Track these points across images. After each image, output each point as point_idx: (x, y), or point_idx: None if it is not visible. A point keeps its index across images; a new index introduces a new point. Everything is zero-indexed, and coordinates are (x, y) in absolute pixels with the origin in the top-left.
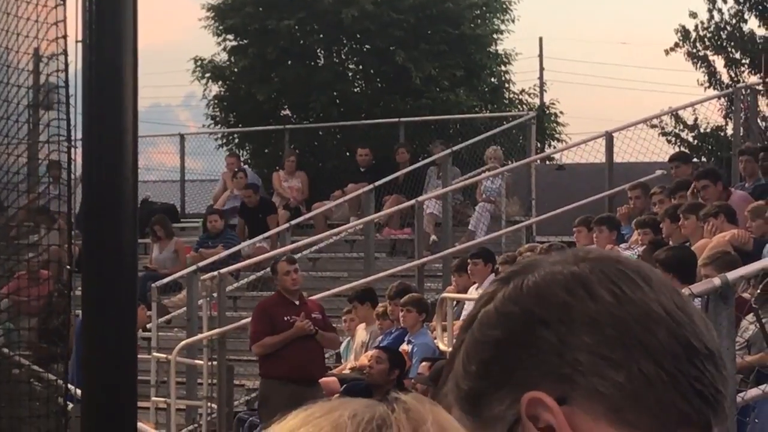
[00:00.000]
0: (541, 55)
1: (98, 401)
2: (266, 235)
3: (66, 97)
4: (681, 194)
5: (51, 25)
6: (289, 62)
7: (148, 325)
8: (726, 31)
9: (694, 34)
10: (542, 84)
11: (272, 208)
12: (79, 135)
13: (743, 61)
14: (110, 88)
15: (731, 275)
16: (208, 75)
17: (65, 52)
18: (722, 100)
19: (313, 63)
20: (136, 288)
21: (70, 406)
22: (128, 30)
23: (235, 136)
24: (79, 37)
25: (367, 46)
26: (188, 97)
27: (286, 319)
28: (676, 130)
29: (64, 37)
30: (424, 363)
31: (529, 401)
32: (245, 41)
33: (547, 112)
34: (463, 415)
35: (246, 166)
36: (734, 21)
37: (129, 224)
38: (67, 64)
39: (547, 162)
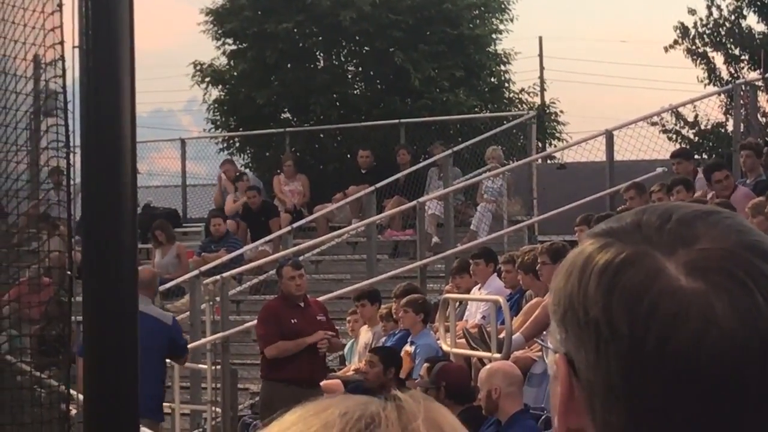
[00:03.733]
0: (540, 54)
1: (100, 407)
2: (268, 238)
3: (64, 103)
4: (678, 189)
5: (48, 31)
6: (289, 65)
7: None
8: (725, 28)
9: (693, 31)
10: (542, 83)
11: (274, 212)
12: (78, 141)
13: (742, 57)
14: (107, 94)
15: None
16: (207, 79)
17: (62, 58)
18: (722, 96)
19: (312, 65)
20: (136, 293)
21: (73, 411)
22: (124, 35)
23: (236, 140)
24: (76, 43)
25: (366, 48)
26: (190, 101)
27: (292, 321)
28: (677, 128)
29: (61, 43)
30: (425, 364)
31: (556, 359)
32: (244, 45)
33: (548, 111)
34: None
35: (247, 170)
36: (733, 17)
37: (129, 230)
38: (64, 70)
39: (548, 161)
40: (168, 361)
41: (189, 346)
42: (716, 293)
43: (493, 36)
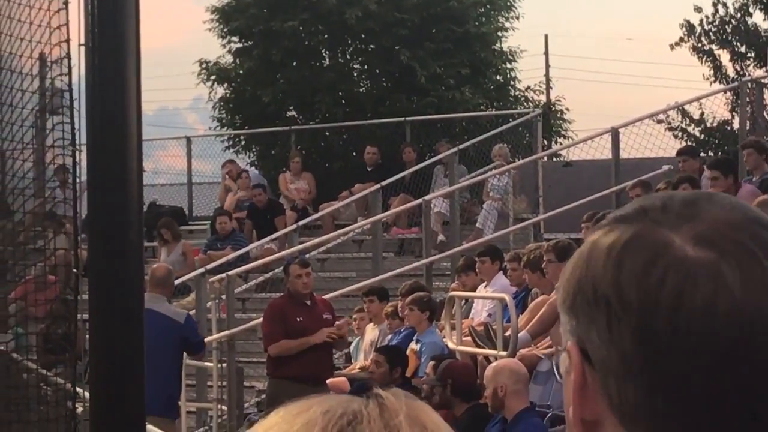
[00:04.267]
0: (546, 52)
1: (106, 405)
2: (274, 236)
3: (70, 101)
4: (684, 188)
5: (54, 29)
6: (294, 63)
7: None
8: (731, 25)
9: (699, 29)
10: (548, 81)
11: (280, 210)
12: (84, 139)
13: (749, 54)
14: (113, 92)
15: None
16: (213, 77)
17: (68, 56)
18: (728, 94)
19: (318, 63)
20: (142, 291)
21: (80, 409)
22: (130, 32)
23: (242, 138)
24: (82, 41)
25: (371, 46)
26: (196, 99)
27: (298, 320)
28: (683, 125)
29: (67, 41)
30: (430, 362)
31: (567, 346)
32: (250, 43)
33: (553, 109)
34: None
35: (252, 168)
36: (739, 15)
37: (135, 228)
38: (70, 68)
39: (554, 159)
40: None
41: None
42: (725, 261)
43: (499, 34)
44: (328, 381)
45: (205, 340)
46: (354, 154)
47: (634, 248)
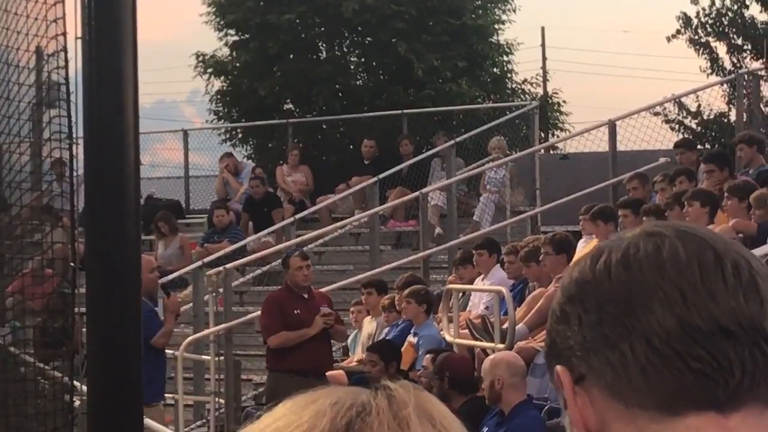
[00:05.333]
0: (543, 45)
1: (104, 398)
2: (271, 229)
3: (67, 94)
4: (681, 180)
5: (51, 23)
6: (291, 56)
7: None
8: (727, 18)
9: (695, 21)
10: (545, 73)
11: (277, 202)
12: (81, 132)
13: (745, 47)
14: (110, 85)
15: None
16: (210, 70)
17: (65, 49)
18: (725, 86)
19: (314, 56)
20: (140, 285)
21: (77, 402)
22: (127, 26)
23: (238, 131)
24: (79, 34)
25: (368, 39)
26: (193, 92)
27: (296, 312)
28: (680, 118)
29: (64, 34)
30: (427, 356)
31: (556, 374)
32: (246, 36)
33: (550, 101)
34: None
35: (249, 161)
36: (735, 7)
37: (132, 221)
38: (67, 61)
39: (551, 151)
40: (170, 352)
41: (192, 337)
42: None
43: (496, 26)
44: (327, 374)
45: (203, 333)
46: (351, 147)
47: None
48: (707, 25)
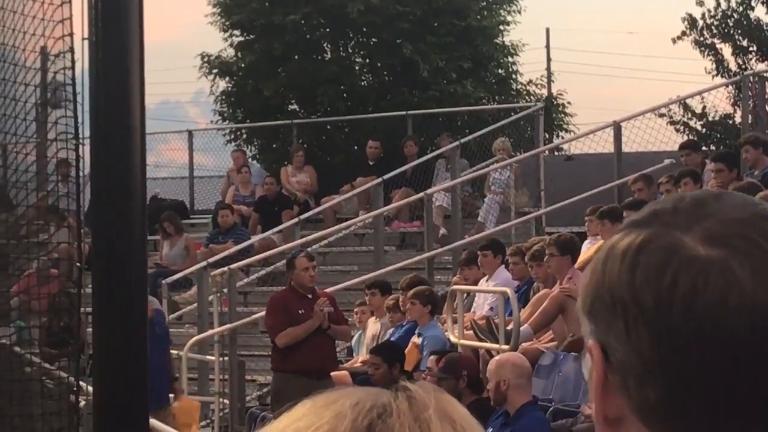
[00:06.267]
0: (548, 46)
1: (110, 398)
2: (275, 230)
3: (73, 95)
4: (686, 182)
5: (57, 23)
6: (296, 57)
7: None
8: (733, 19)
9: (701, 23)
10: (550, 74)
11: (288, 203)
12: (87, 132)
13: (750, 48)
14: (117, 85)
15: None
16: (215, 71)
17: (71, 50)
18: (730, 88)
19: (319, 57)
20: (146, 285)
21: (82, 402)
22: (134, 26)
23: (243, 131)
24: (85, 35)
25: (373, 40)
26: (198, 93)
27: (300, 312)
28: (685, 119)
29: (71, 34)
30: (432, 357)
31: (589, 345)
32: (251, 36)
33: (555, 102)
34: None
35: (254, 162)
36: (741, 8)
37: (138, 221)
38: (73, 62)
39: (556, 153)
40: (175, 352)
41: (197, 337)
42: (735, 258)
43: (501, 27)
44: (332, 374)
45: (207, 333)
46: (356, 147)
47: (647, 252)
48: (713, 27)
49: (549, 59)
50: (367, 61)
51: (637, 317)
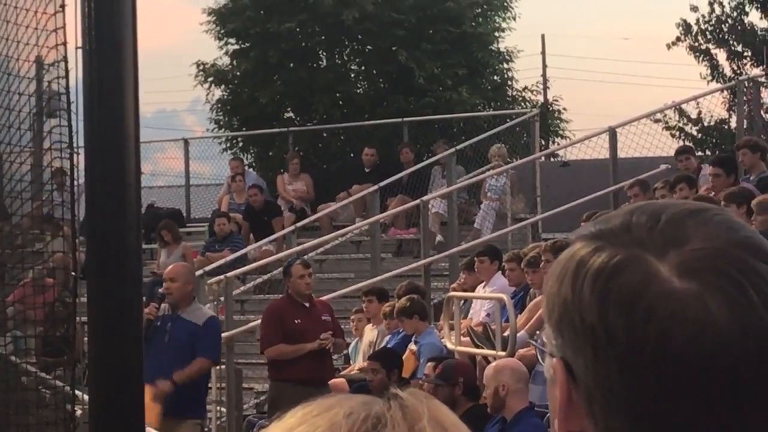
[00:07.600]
0: (543, 52)
1: (106, 408)
2: (272, 237)
3: (67, 104)
4: (682, 187)
5: (51, 32)
6: (291, 65)
7: None
8: (727, 24)
9: (695, 28)
10: (545, 81)
11: (277, 211)
12: (81, 142)
13: (745, 53)
14: (111, 94)
15: None
16: (210, 79)
17: (65, 59)
18: (725, 93)
19: (315, 65)
20: (141, 294)
21: (79, 412)
22: (128, 35)
23: (239, 139)
24: (79, 44)
25: (369, 47)
26: (193, 101)
27: (296, 321)
28: (680, 124)
29: (64, 44)
30: (429, 363)
31: (553, 363)
32: (247, 45)
33: (551, 108)
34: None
35: (250, 169)
36: (735, 14)
37: (133, 230)
38: (67, 71)
39: (552, 159)
40: None
41: None
42: (710, 293)
43: (496, 34)
44: (329, 382)
45: None
46: (352, 155)
47: (620, 278)
48: (707, 32)
49: (544, 65)
50: (363, 68)
51: (607, 348)
